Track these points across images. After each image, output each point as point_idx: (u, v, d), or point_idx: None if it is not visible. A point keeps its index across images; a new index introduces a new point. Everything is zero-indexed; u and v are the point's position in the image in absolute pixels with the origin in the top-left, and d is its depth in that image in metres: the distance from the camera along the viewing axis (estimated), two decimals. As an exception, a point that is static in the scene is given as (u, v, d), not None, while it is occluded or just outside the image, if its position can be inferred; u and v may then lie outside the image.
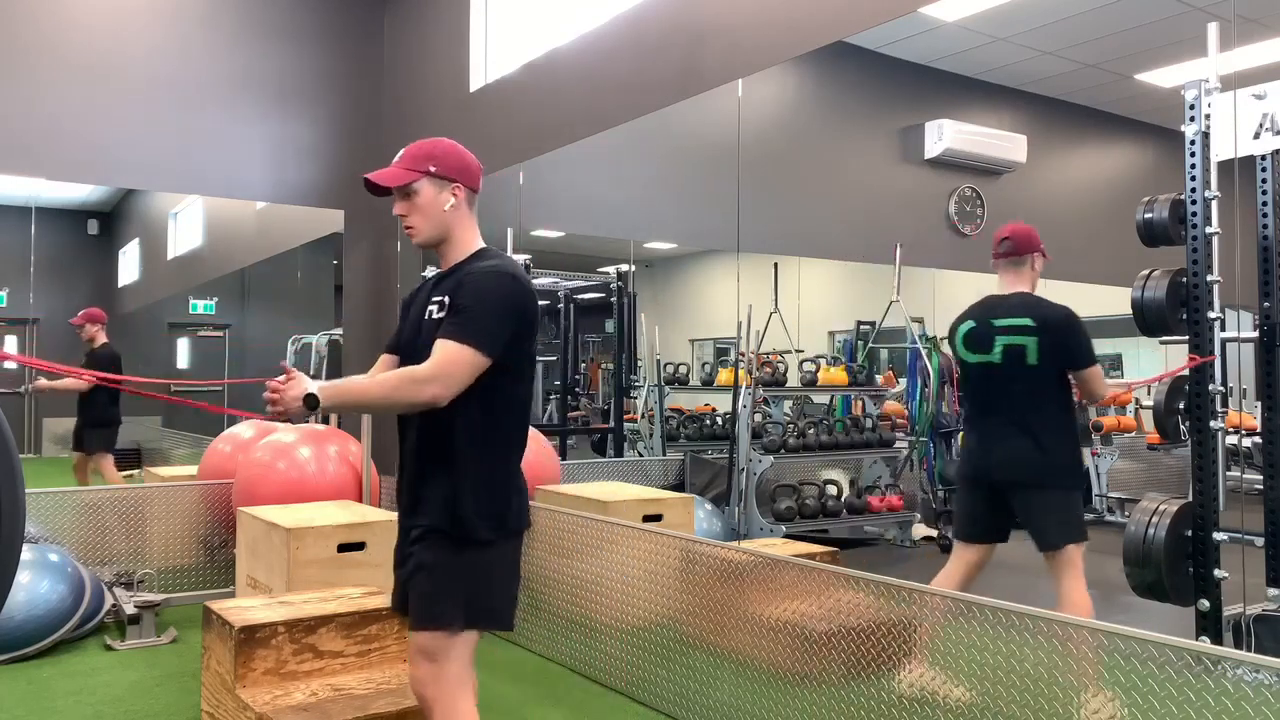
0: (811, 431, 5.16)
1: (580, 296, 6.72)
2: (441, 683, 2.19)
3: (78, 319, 5.65)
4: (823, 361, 5.50)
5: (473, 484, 2.21)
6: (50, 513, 4.77)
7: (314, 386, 2.13)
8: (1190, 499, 2.57)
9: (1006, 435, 3.07)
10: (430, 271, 6.93)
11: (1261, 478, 2.58)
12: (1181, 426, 2.71)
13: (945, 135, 4.09)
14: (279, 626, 3.04)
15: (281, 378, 2.11)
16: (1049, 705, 2.39)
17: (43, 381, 5.61)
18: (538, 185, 4.98)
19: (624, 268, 6.69)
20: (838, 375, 5.43)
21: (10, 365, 5.72)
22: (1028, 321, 3.06)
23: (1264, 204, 2.56)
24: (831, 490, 4.92)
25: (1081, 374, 3.03)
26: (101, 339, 5.65)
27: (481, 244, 2.34)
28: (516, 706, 3.61)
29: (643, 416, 6.18)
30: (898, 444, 5.22)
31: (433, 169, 2.31)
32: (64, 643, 4.22)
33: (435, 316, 2.20)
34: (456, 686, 2.19)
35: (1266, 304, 2.56)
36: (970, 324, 3.20)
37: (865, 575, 2.88)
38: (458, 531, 2.20)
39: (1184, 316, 2.61)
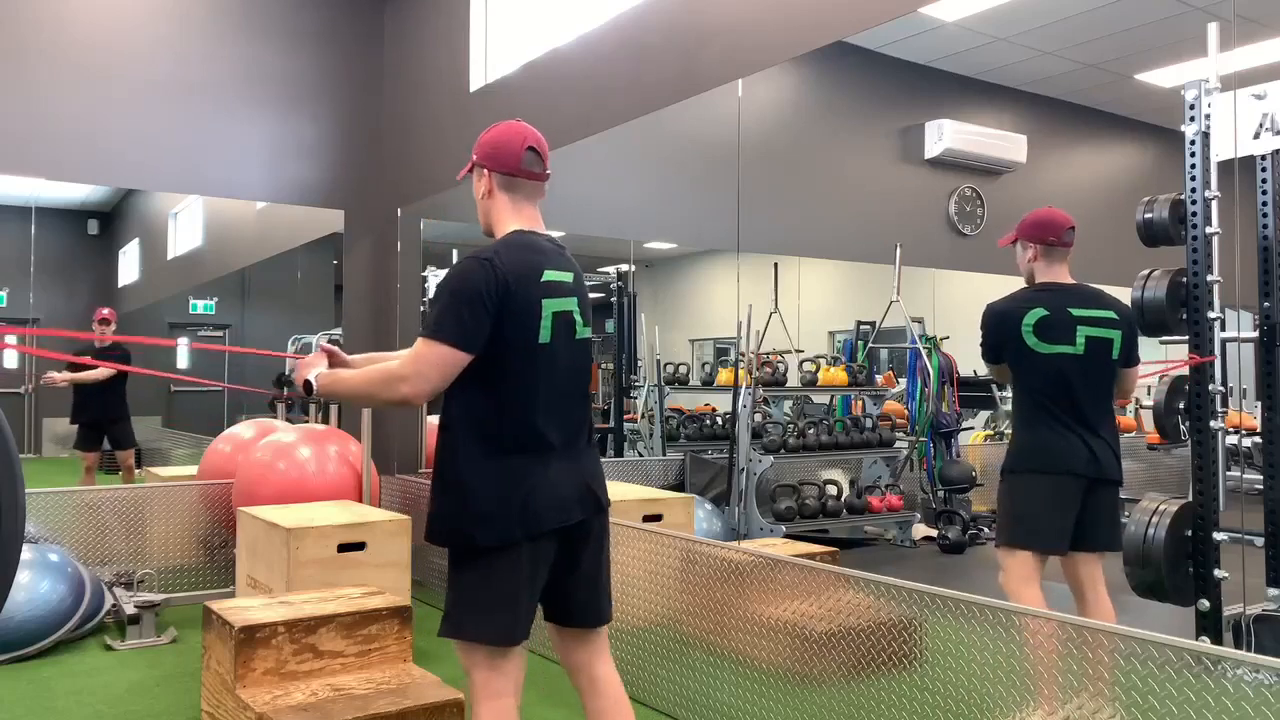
0: (811, 431, 5.15)
1: (580, 296, 6.70)
2: (471, 690, 2.18)
3: (108, 314, 5.69)
4: (823, 361, 5.50)
5: (453, 487, 2.14)
6: (50, 513, 4.78)
7: (314, 373, 2.18)
8: (1190, 499, 2.56)
9: (1092, 430, 2.89)
10: (430, 272, 6.86)
11: (1261, 478, 2.57)
12: (1181, 426, 2.71)
13: (945, 135, 4.08)
14: (279, 626, 3.04)
15: (314, 353, 2.21)
16: (1048, 705, 2.38)
17: (55, 374, 5.63)
18: (538, 185, 4.97)
19: (624, 268, 6.70)
20: (838, 375, 5.43)
21: (11, 365, 5.72)
22: (1112, 315, 2.91)
23: (1264, 204, 2.55)
24: (831, 490, 4.91)
25: (1134, 370, 2.97)
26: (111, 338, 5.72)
27: (511, 229, 2.22)
28: (516, 706, 3.61)
29: (643, 416, 6.18)
30: (898, 444, 5.21)
31: (474, 157, 2.28)
32: (64, 643, 4.23)
33: None
34: (482, 698, 2.14)
35: (1266, 304, 2.56)
36: (1042, 312, 2.93)
37: (865, 575, 2.87)
38: (438, 538, 2.17)
39: (1184, 316, 2.61)
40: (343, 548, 3.92)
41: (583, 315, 2.27)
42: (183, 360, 6.41)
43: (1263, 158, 2.54)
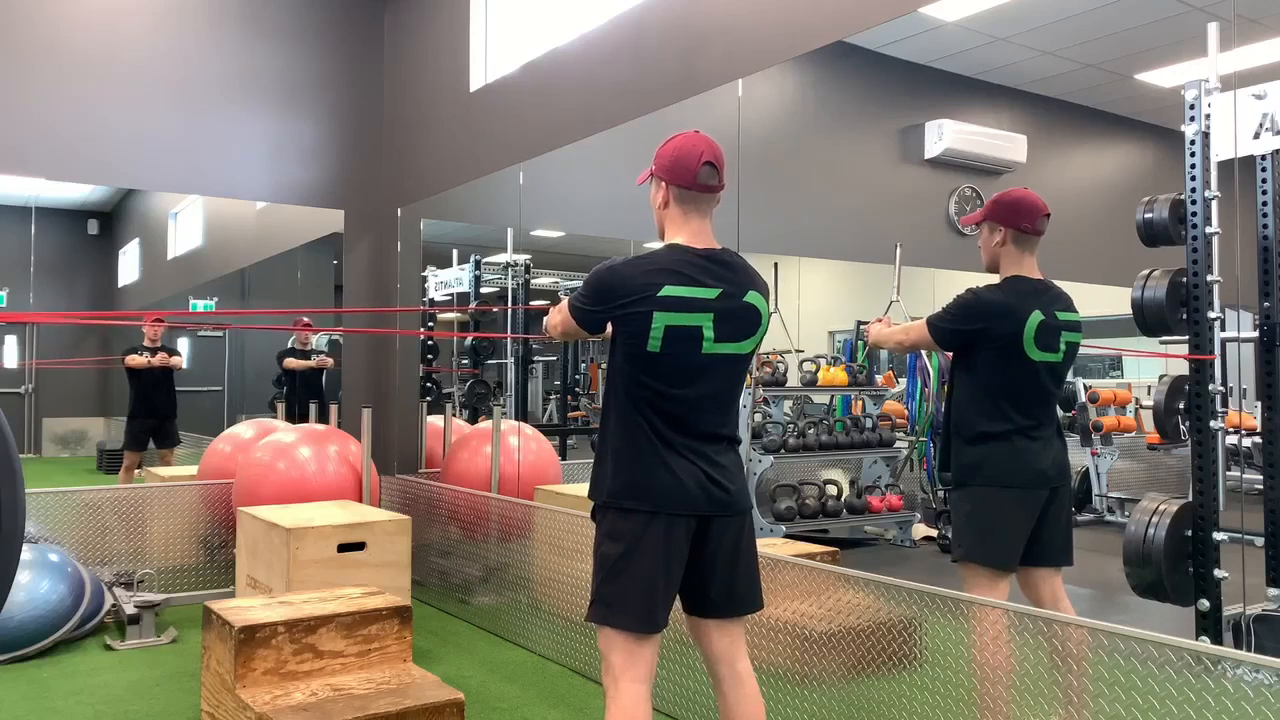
0: (811, 431, 5.15)
1: (580, 296, 6.70)
2: (606, 674, 2.25)
3: (162, 316, 5.88)
4: (823, 361, 5.49)
5: (598, 458, 2.31)
6: (50, 513, 4.78)
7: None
8: (1190, 499, 2.56)
9: (1055, 439, 2.80)
10: (430, 272, 6.86)
11: (1261, 478, 2.57)
12: (1181, 426, 2.70)
13: (945, 135, 4.08)
14: (279, 626, 3.04)
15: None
16: (1049, 705, 2.38)
17: (146, 357, 5.73)
18: (538, 185, 4.98)
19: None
20: (838, 375, 5.42)
21: (10, 365, 5.72)
22: (1079, 318, 2.82)
23: (1264, 204, 2.55)
24: (831, 490, 4.91)
25: None
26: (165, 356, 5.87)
27: (669, 243, 2.34)
28: (516, 706, 3.61)
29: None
30: (898, 444, 5.21)
31: (653, 167, 2.38)
32: (64, 643, 4.23)
33: None
34: (611, 681, 2.21)
35: (1266, 304, 2.56)
36: (1040, 317, 2.75)
37: (865, 575, 2.87)
38: (593, 497, 2.32)
39: (1184, 316, 2.61)
40: (343, 548, 3.92)
41: (717, 330, 2.27)
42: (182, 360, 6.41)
43: (1263, 158, 2.54)
